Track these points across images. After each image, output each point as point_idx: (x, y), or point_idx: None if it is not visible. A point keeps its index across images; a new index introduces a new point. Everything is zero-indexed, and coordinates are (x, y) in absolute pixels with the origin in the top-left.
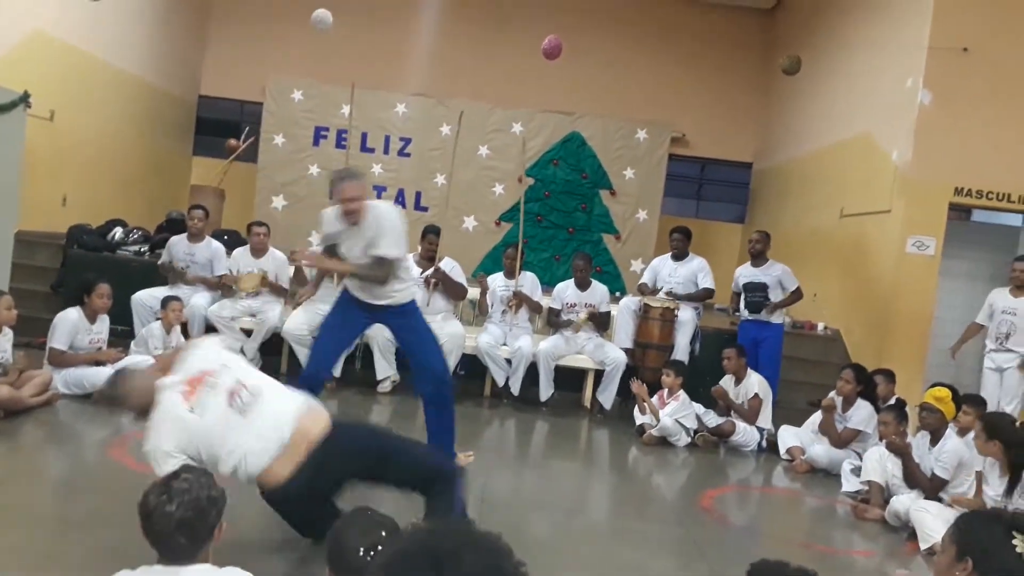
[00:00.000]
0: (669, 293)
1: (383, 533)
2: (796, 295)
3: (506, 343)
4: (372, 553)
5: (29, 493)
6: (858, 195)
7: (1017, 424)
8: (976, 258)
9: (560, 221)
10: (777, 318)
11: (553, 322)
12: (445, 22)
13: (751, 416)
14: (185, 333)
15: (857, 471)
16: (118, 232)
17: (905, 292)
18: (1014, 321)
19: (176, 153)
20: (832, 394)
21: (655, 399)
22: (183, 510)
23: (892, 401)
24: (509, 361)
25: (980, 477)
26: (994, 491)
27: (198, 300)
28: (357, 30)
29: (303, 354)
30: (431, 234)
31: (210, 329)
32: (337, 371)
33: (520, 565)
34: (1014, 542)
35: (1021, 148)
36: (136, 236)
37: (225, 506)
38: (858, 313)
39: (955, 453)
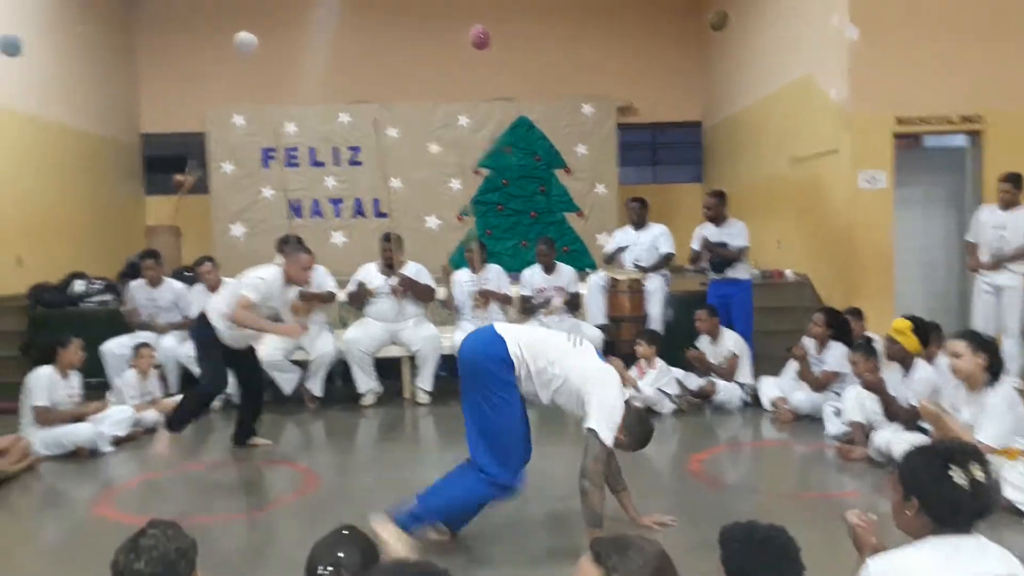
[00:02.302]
0: (636, 264)
1: (340, 554)
2: (742, 252)
3: None
4: (329, 569)
5: (25, 560)
6: (806, 138)
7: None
8: (930, 182)
9: (521, 207)
10: (744, 273)
11: (527, 308)
12: (372, 26)
13: (728, 374)
14: (161, 377)
15: (839, 413)
16: (78, 285)
17: (863, 228)
18: (1004, 235)
19: (127, 196)
20: (802, 340)
21: (633, 370)
22: (152, 566)
23: (860, 340)
24: None
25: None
26: (964, 417)
27: (168, 342)
28: (285, 47)
29: (286, 380)
30: (384, 241)
31: (184, 370)
32: (318, 390)
33: None
34: (950, 473)
35: (955, 69)
36: (98, 287)
37: (196, 555)
38: (822, 255)
39: (927, 381)
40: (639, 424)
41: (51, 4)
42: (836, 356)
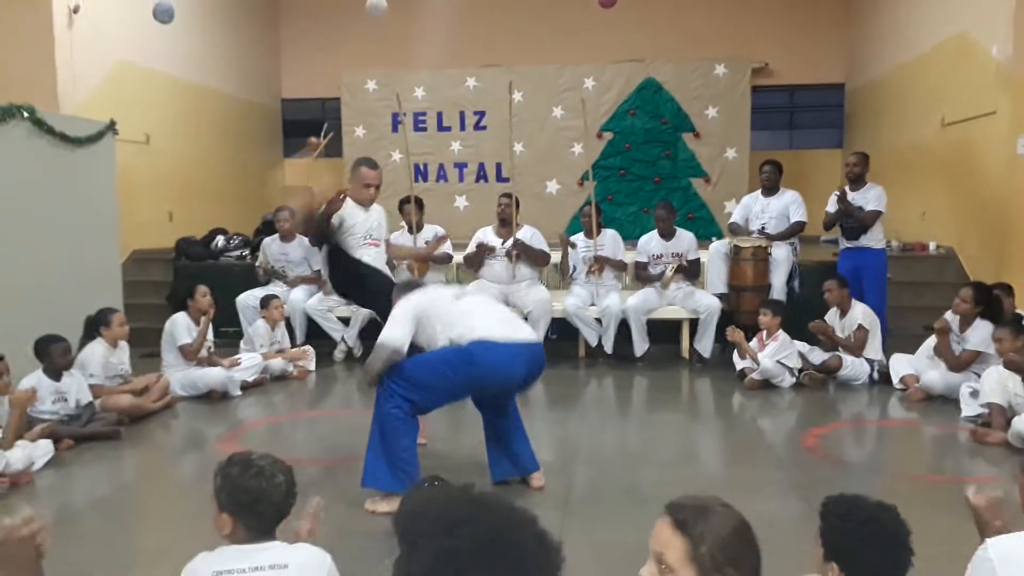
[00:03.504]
0: (762, 231)
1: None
2: (873, 215)
3: (594, 303)
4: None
5: (161, 489)
6: (959, 100)
7: None
8: None
9: (644, 172)
10: (878, 243)
11: (642, 276)
12: None
13: (857, 349)
14: (289, 328)
15: (976, 394)
16: (220, 240)
17: (1020, 198)
18: None
19: (267, 158)
20: (946, 315)
21: (754, 342)
22: (283, 474)
23: (1011, 317)
24: (599, 321)
25: None
26: None
27: (296, 295)
28: (415, 12)
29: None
30: (503, 197)
31: (311, 322)
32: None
33: (533, 537)
34: None
35: None
36: (236, 242)
37: (295, 489)
38: (971, 227)
39: None
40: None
41: None
42: (981, 335)
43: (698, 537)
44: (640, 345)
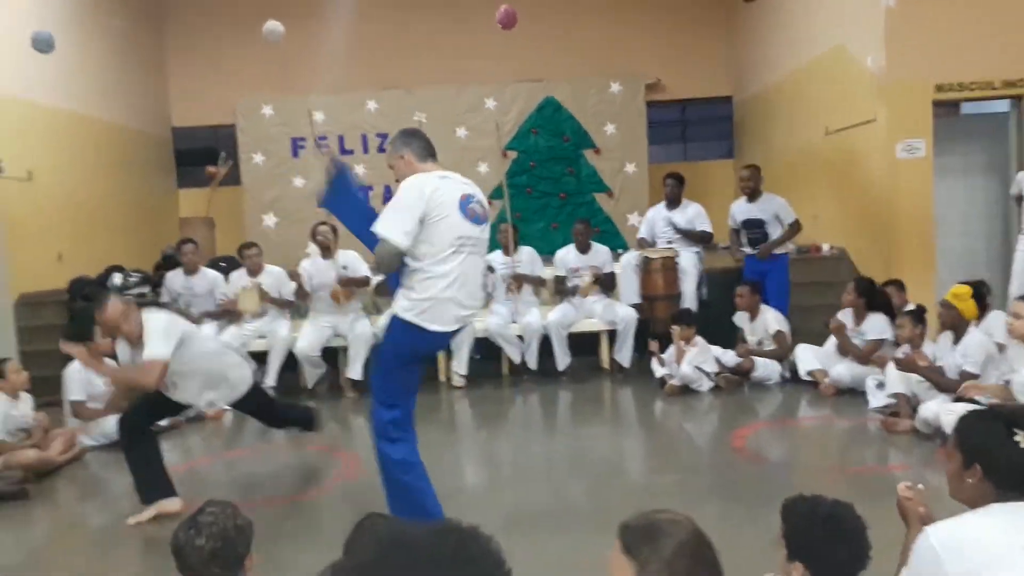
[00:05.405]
0: (669, 243)
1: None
2: (794, 228)
3: (515, 320)
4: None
5: (74, 548)
6: (841, 109)
7: None
8: (969, 151)
9: (550, 189)
10: (782, 248)
11: (560, 290)
12: (396, 12)
13: (785, 352)
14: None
15: (882, 385)
16: (117, 278)
17: (902, 198)
18: None
19: (161, 189)
20: (838, 314)
21: (670, 352)
22: (212, 541)
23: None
24: (521, 338)
25: None
26: (1022, 377)
27: (205, 332)
28: (313, 36)
29: (313, 375)
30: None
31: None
32: (358, 375)
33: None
34: (1016, 439)
35: (995, 33)
36: (136, 279)
37: (252, 536)
38: (860, 228)
39: (980, 346)
40: None
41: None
42: (876, 325)
43: (644, 560)
44: (562, 359)
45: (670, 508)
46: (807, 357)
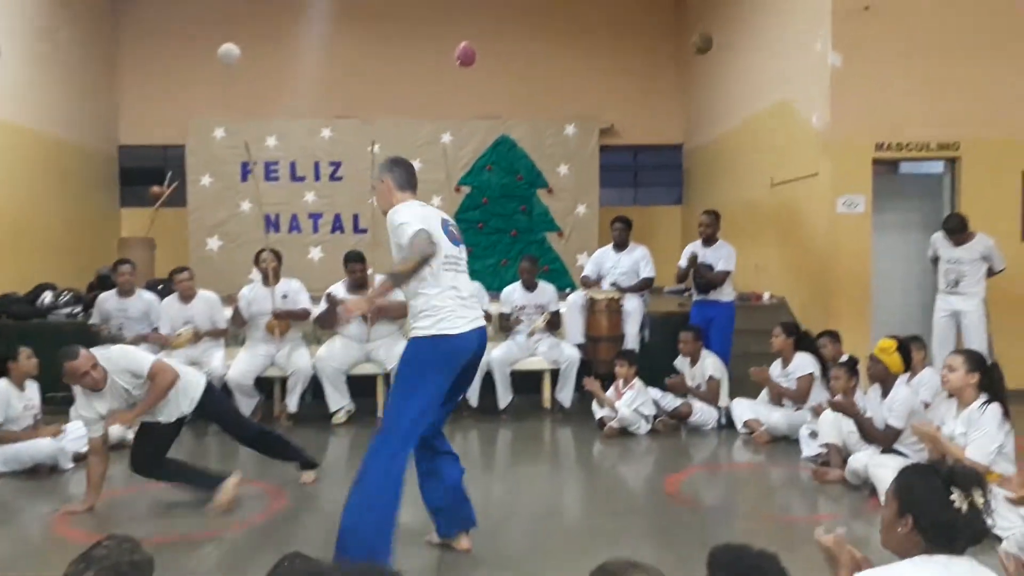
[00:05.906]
0: (614, 284)
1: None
2: (722, 276)
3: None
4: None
5: None
6: (786, 162)
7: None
8: (906, 208)
9: (501, 225)
10: (728, 296)
11: (505, 326)
12: (357, 43)
13: (713, 398)
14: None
15: (815, 435)
16: (47, 296)
17: (841, 252)
18: (961, 269)
19: (102, 207)
20: (756, 369)
21: (611, 391)
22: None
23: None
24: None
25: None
26: (949, 430)
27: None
28: (270, 61)
29: (247, 404)
30: (353, 261)
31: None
32: (294, 406)
33: None
34: (952, 497)
35: (933, 97)
36: (67, 298)
37: (152, 573)
38: (800, 279)
39: (906, 402)
40: None
41: (30, 8)
42: (802, 363)
43: None
44: (504, 397)
45: (617, 555)
46: (742, 409)
